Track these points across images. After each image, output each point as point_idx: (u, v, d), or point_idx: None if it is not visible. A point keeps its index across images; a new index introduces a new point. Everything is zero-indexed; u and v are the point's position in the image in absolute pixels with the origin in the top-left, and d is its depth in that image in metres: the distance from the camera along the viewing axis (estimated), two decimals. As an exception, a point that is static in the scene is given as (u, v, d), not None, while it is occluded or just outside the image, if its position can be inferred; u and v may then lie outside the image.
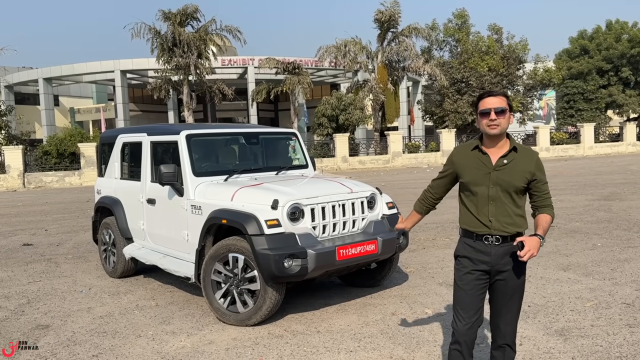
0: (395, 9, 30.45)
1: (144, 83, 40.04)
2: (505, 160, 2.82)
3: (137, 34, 28.67)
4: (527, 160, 2.84)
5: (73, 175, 24.70)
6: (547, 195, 2.89)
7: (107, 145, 6.93)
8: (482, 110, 2.83)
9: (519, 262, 2.81)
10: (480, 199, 2.86)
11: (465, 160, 2.94)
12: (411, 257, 7.01)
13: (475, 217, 2.88)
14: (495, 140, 2.85)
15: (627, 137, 35.37)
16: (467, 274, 2.90)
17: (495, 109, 2.78)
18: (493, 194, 2.83)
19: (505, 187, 2.81)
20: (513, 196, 2.83)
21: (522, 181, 2.82)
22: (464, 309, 2.90)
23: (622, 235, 7.87)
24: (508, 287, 2.86)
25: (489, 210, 2.84)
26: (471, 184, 2.89)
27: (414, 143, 32.39)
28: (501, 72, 32.50)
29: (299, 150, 6.48)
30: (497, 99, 2.81)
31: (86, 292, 5.97)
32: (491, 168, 2.83)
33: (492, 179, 2.82)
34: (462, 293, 2.92)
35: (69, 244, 9.09)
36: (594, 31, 39.72)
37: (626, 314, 4.57)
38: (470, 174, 2.89)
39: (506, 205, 2.83)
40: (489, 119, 2.79)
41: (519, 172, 2.81)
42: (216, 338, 4.43)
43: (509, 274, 2.85)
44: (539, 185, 2.86)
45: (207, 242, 5.02)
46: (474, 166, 2.89)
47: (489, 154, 2.86)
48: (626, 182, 15.63)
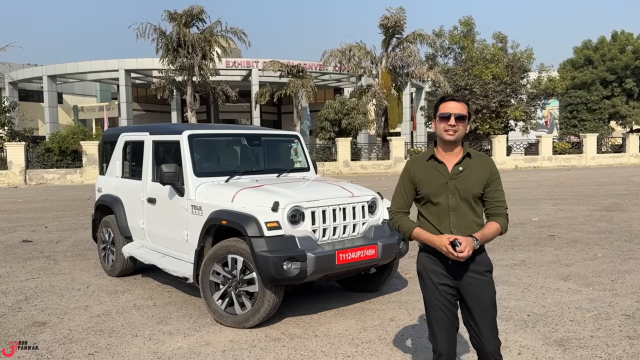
0: (400, 15, 30.53)
1: (148, 83, 40.11)
2: (460, 167, 2.75)
3: (142, 34, 28.77)
4: (482, 166, 2.77)
5: (75, 172, 24.72)
6: (500, 203, 2.77)
7: (109, 143, 6.93)
8: (441, 114, 2.73)
9: (484, 272, 2.75)
10: (441, 210, 2.76)
11: (421, 171, 2.82)
12: (411, 263, 6.98)
13: (436, 228, 2.76)
14: (451, 146, 2.76)
15: (629, 148, 35.34)
16: (434, 290, 2.78)
17: (456, 114, 2.70)
18: (453, 204, 2.73)
19: (463, 195, 2.73)
20: (472, 205, 2.75)
21: (479, 188, 2.74)
22: (439, 326, 2.78)
23: (623, 246, 7.83)
24: (479, 299, 2.74)
25: (450, 221, 2.74)
26: (431, 194, 2.77)
27: (416, 149, 32.41)
28: (505, 80, 32.48)
29: (301, 153, 6.47)
30: (458, 104, 2.73)
31: (84, 290, 5.95)
32: (448, 177, 2.75)
33: (450, 188, 2.73)
34: (434, 310, 2.79)
35: (69, 241, 9.08)
36: (599, 42, 39.72)
37: (626, 326, 4.53)
38: (429, 185, 2.78)
39: (466, 214, 2.74)
40: (448, 124, 2.70)
41: (474, 178, 2.74)
42: (213, 339, 4.40)
43: (476, 287, 2.74)
44: (492, 192, 2.76)
45: (206, 243, 5.00)
46: (431, 177, 2.78)
47: (445, 163, 2.77)
48: (628, 193, 15.59)
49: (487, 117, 32.51)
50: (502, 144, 32.10)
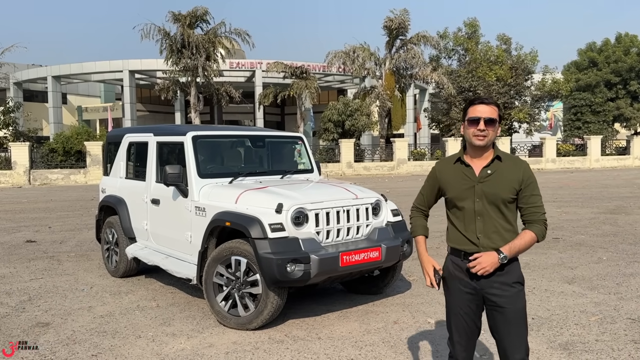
0: (404, 17, 30.54)
1: (152, 83, 40.20)
2: (489, 171, 2.61)
3: (146, 34, 28.87)
4: (513, 169, 2.60)
5: (78, 173, 24.78)
6: (535, 209, 2.60)
7: (113, 144, 6.94)
8: (470, 118, 2.60)
9: (512, 285, 2.58)
10: (467, 215, 2.64)
11: (448, 174, 2.73)
12: (415, 265, 6.96)
13: (462, 234, 2.66)
14: (481, 151, 2.63)
15: (634, 150, 35.19)
16: (457, 297, 2.69)
17: (485, 118, 2.56)
18: (479, 209, 2.60)
19: (491, 199, 2.58)
20: (502, 210, 2.59)
21: (510, 192, 2.58)
22: (458, 333, 2.71)
23: (628, 249, 7.79)
24: (506, 314, 2.58)
25: (477, 227, 2.61)
26: (456, 199, 2.67)
27: (420, 150, 32.38)
28: (509, 82, 32.44)
29: (305, 155, 6.46)
30: (488, 107, 2.58)
31: (87, 291, 5.96)
32: (475, 180, 2.62)
33: (477, 192, 2.60)
34: (454, 317, 2.72)
35: (72, 242, 9.09)
36: (603, 44, 39.62)
37: (631, 330, 4.51)
38: (455, 189, 2.67)
39: (494, 220, 2.59)
40: (477, 129, 2.57)
41: (505, 182, 2.58)
42: (216, 341, 4.40)
43: (503, 300, 2.58)
44: (527, 197, 2.59)
45: (210, 244, 5.00)
46: (457, 180, 2.67)
47: (472, 166, 2.65)
48: (632, 195, 15.53)
49: (490, 119, 32.43)
50: (506, 145, 32.02)
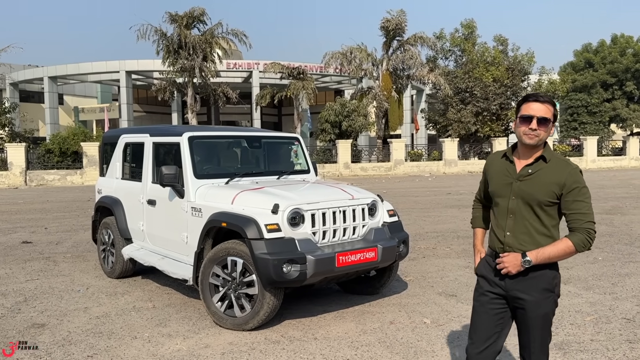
0: (401, 18, 30.60)
1: (148, 84, 40.14)
2: (530, 170, 2.53)
3: (143, 35, 28.83)
4: (558, 171, 2.49)
5: (75, 174, 24.73)
6: (578, 215, 2.48)
7: (110, 145, 6.93)
8: (523, 115, 2.50)
9: (539, 290, 2.53)
10: (501, 211, 2.62)
11: (493, 168, 2.71)
12: (411, 265, 6.97)
13: (494, 231, 2.66)
14: (530, 150, 2.55)
15: (630, 151, 35.34)
16: (482, 295, 2.68)
17: (539, 117, 2.47)
18: (513, 207, 2.56)
19: (527, 199, 2.52)
20: (537, 211, 2.52)
21: (548, 195, 2.48)
22: (475, 332, 2.69)
23: (624, 249, 7.82)
24: (527, 317, 2.56)
25: (507, 224, 2.58)
26: (494, 194, 2.66)
27: (417, 151, 32.42)
28: (506, 83, 32.52)
29: (301, 155, 6.47)
30: (543, 106, 2.48)
31: (83, 292, 5.95)
32: (514, 178, 2.57)
33: (514, 190, 2.56)
34: (475, 315, 2.71)
35: (68, 242, 9.07)
36: (599, 45, 39.75)
37: (626, 329, 4.52)
38: (495, 183, 2.66)
39: (527, 220, 2.53)
40: (529, 127, 2.48)
41: (544, 184, 2.49)
42: (212, 342, 4.39)
43: (527, 303, 2.54)
44: (569, 202, 2.49)
45: (206, 245, 4.99)
46: (499, 175, 2.65)
47: (515, 163, 2.60)
48: (628, 196, 15.58)
49: (487, 120, 32.54)
50: (503, 146, 32.08)
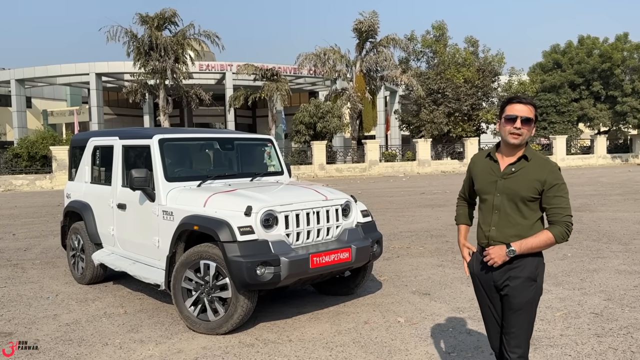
0: (374, 20, 30.79)
1: (119, 86, 39.55)
2: (513, 168, 2.71)
3: (113, 37, 28.39)
4: (539, 170, 2.67)
5: (44, 178, 24.17)
6: (558, 210, 2.64)
7: (78, 148, 6.80)
8: (507, 116, 2.67)
9: (523, 278, 2.69)
10: (487, 208, 2.78)
11: (478, 167, 2.88)
12: (385, 265, 7.01)
13: (480, 225, 2.83)
14: (513, 149, 2.72)
15: (597, 149, 36.29)
16: (478, 291, 2.93)
17: (522, 117, 2.64)
18: (497, 203, 2.73)
19: (511, 196, 2.69)
20: (520, 207, 2.69)
21: (530, 191, 2.66)
22: (487, 324, 2.95)
23: (592, 245, 8.01)
24: (512, 302, 2.72)
25: (492, 220, 2.75)
26: (480, 191, 2.84)
27: (391, 152, 32.63)
28: (477, 83, 32.98)
29: (275, 157, 6.44)
30: (526, 107, 2.66)
31: (53, 299, 5.81)
32: (499, 176, 2.74)
33: (499, 187, 2.73)
34: (481, 308, 2.96)
35: (37, 249, 8.86)
36: (567, 46, 40.55)
37: (594, 324, 4.63)
38: (480, 182, 2.83)
39: (510, 216, 2.70)
40: (513, 127, 2.65)
41: (527, 181, 2.66)
42: (185, 347, 4.34)
43: (511, 289, 2.71)
44: (550, 198, 2.65)
45: (178, 249, 4.93)
46: (484, 174, 2.82)
47: (499, 162, 2.76)
48: (596, 193, 15.97)
49: (459, 120, 32.93)
50: (474, 146, 32.59)
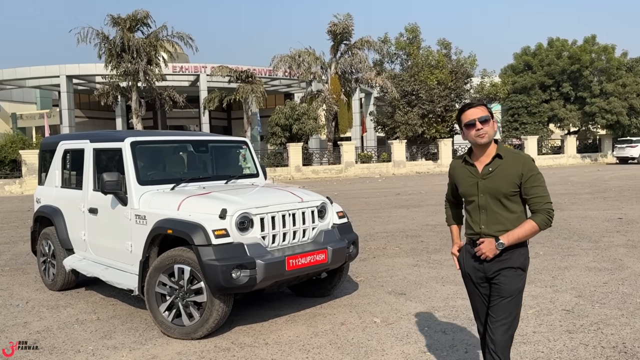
0: (348, 22, 30.93)
1: (91, 89, 38.84)
2: (490, 168, 2.86)
3: (83, 38, 27.87)
4: (514, 165, 2.83)
5: (13, 183, 23.60)
6: (538, 199, 2.80)
7: (48, 152, 6.65)
8: (467, 123, 2.85)
9: (513, 268, 2.85)
10: (474, 208, 2.93)
11: (457, 172, 3.03)
12: (362, 266, 7.03)
13: (469, 224, 2.98)
14: (484, 149, 2.88)
15: (567, 149, 37.12)
16: (469, 285, 3.05)
17: (479, 118, 2.81)
18: (483, 203, 2.87)
19: (493, 194, 2.84)
20: (504, 202, 2.84)
21: (510, 186, 2.81)
22: (476, 312, 3.09)
23: (563, 244, 8.17)
24: (501, 290, 2.87)
25: (481, 219, 2.89)
26: (465, 194, 2.98)
27: (367, 153, 32.80)
28: (449, 85, 33.38)
29: (250, 159, 6.41)
30: (477, 109, 2.85)
31: (23, 306, 5.67)
32: (478, 177, 2.89)
33: (480, 188, 2.87)
34: (470, 298, 3.09)
35: (7, 255, 8.63)
36: (537, 48, 41.32)
37: (566, 320, 4.72)
38: (463, 186, 2.97)
39: (497, 213, 2.85)
40: (476, 130, 2.82)
41: (505, 177, 2.82)
42: (160, 353, 4.27)
43: (503, 278, 2.86)
44: (529, 189, 2.81)
45: (151, 253, 4.86)
46: (464, 178, 2.97)
47: (476, 165, 2.91)
48: (567, 192, 16.32)
49: (433, 122, 33.29)
50: (448, 147, 33.02)
